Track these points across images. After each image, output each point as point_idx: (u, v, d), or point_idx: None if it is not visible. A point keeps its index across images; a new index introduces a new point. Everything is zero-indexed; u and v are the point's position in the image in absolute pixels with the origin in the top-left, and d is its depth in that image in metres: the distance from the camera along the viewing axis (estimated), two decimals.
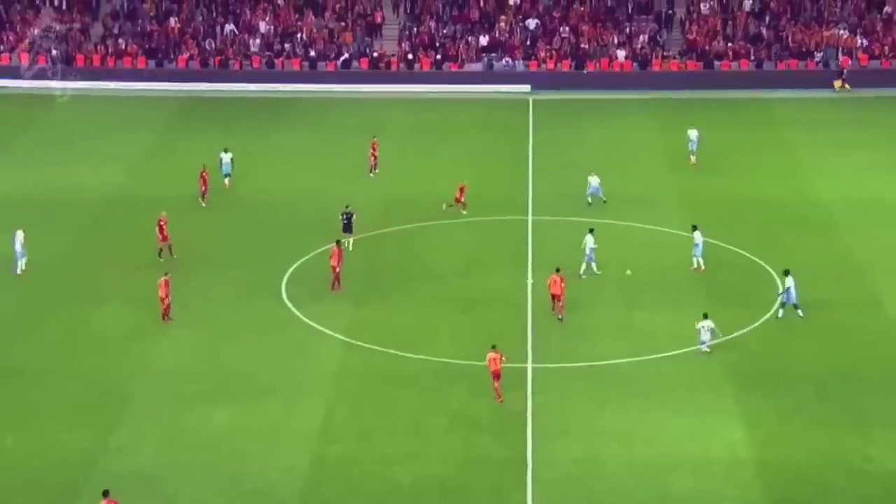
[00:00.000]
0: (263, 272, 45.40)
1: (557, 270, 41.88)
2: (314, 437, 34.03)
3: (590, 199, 51.67)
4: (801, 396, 36.21)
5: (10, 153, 61.34)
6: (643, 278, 44.72)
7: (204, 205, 52.37)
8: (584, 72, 73.00)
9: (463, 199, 50.87)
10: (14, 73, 75.35)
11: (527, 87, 74.30)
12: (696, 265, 45.17)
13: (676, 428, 34.42)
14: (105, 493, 29.28)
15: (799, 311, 41.18)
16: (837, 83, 73.24)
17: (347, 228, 47.21)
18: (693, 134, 58.68)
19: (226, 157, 54.90)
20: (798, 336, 40.22)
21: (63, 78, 73.90)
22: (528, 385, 36.81)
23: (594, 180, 51.80)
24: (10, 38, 78.01)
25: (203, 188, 52.34)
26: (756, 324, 40.99)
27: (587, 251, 44.53)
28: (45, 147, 62.50)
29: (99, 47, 77.07)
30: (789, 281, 41.14)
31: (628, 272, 44.73)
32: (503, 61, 76.39)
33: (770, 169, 58.30)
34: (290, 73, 75.50)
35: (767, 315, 41.56)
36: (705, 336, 38.43)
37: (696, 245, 45.24)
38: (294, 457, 33.05)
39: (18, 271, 45.06)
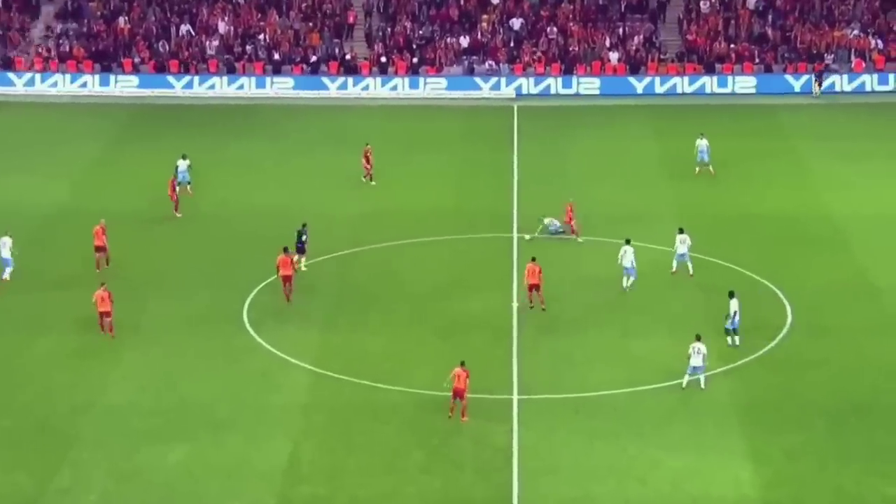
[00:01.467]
0: (222, 294, 45.32)
1: (533, 259, 43.07)
2: (279, 476, 33.92)
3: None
4: (812, 430, 36.32)
5: None
6: (639, 301, 44.84)
7: (179, 216, 52.84)
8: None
9: (573, 222, 50.22)
10: None
11: (511, 93, 74.63)
12: (674, 268, 46.02)
13: (675, 465, 34.47)
14: None
15: (736, 338, 41.12)
16: (816, 87, 73.55)
17: (300, 248, 47.09)
18: (702, 144, 58.89)
19: (183, 165, 55.49)
20: (808, 364, 40.37)
21: None
22: (513, 418, 36.82)
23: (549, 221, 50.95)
24: None
25: (174, 198, 53.00)
26: (762, 351, 41.14)
27: (628, 264, 44.90)
28: None
29: (40, 49, 76.96)
30: (734, 304, 41.04)
31: (527, 237, 46.46)
32: (485, 65, 76.64)
33: (777, 181, 58.62)
34: (252, 77, 75.54)
35: (774, 342, 41.71)
36: (697, 360, 37.97)
37: (680, 250, 45.72)
38: (257, 499, 32.93)
39: (7, 276, 45.42)
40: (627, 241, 45.91)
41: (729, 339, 41.22)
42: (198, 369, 40.01)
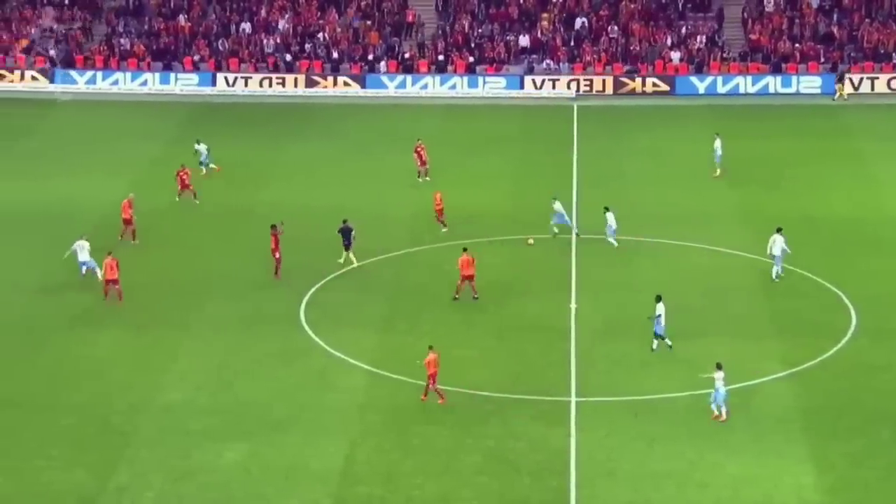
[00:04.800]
0: (280, 294, 45.58)
1: (465, 250, 44.45)
2: (335, 477, 34.05)
3: (556, 229, 50.49)
4: (877, 437, 35.90)
5: (1, 163, 61.91)
6: (698, 303, 44.56)
7: (178, 200, 54.58)
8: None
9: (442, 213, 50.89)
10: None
11: (571, 93, 74.42)
12: (775, 275, 45.89)
13: (735, 470, 34.22)
14: None
15: (667, 340, 40.64)
16: (839, 88, 72.45)
17: (347, 245, 47.52)
18: (717, 143, 58.43)
19: (201, 147, 58.41)
20: (873, 368, 39.93)
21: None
22: (570, 421, 36.72)
23: (558, 206, 50.61)
24: (5, 37, 78.80)
25: (180, 188, 54.79)
26: (826, 355, 40.74)
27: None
28: (41, 157, 63.07)
29: (102, 47, 77.77)
30: (660, 308, 40.54)
31: (531, 241, 47.30)
32: (545, 64, 76.49)
33: (842, 183, 58.03)
34: (311, 76, 75.94)
35: (838, 346, 41.29)
36: (721, 388, 36.43)
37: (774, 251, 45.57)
38: (313, 499, 33.08)
39: (99, 275, 45.93)
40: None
41: (655, 343, 40.60)
42: (255, 369, 40.25)
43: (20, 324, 43.52)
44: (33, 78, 76.01)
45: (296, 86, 75.69)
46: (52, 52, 77.37)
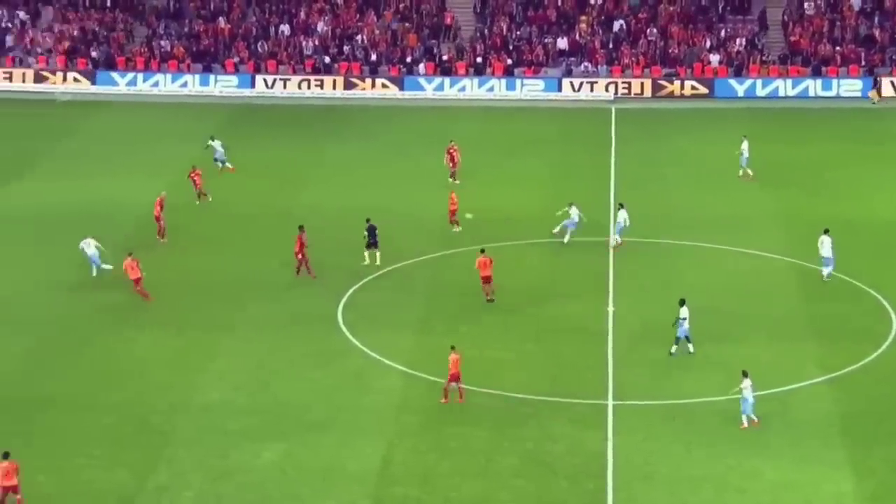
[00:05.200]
0: (317, 295, 45.68)
1: (482, 251, 44.59)
2: (372, 477, 34.07)
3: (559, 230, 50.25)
4: None
5: (44, 164, 62.38)
6: (736, 306, 44.32)
7: (198, 203, 54.71)
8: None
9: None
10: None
11: (609, 96, 74.24)
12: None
13: (774, 476, 33.99)
14: None
15: (690, 346, 40.41)
16: (873, 94, 71.91)
17: (373, 244, 47.65)
18: (744, 146, 58.16)
19: (216, 144, 59.23)
20: None
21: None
22: (608, 424, 36.59)
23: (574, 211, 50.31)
24: (47, 39, 79.37)
25: (196, 188, 55.14)
26: (867, 360, 40.41)
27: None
28: (82, 157, 63.47)
29: (143, 49, 78.21)
30: (684, 311, 40.27)
31: (469, 215, 47.98)
32: (583, 66, 76.34)
33: (883, 186, 57.56)
34: (349, 78, 76.10)
35: (879, 351, 40.96)
36: (749, 397, 35.99)
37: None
38: (350, 499, 33.11)
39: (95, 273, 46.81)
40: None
41: (674, 347, 40.38)
42: (292, 369, 40.33)
43: (62, 323, 43.80)
44: (75, 80, 76.56)
45: (334, 88, 75.91)
46: (93, 54, 77.89)
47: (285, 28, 79.47)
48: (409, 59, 77.15)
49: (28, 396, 38.42)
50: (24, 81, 76.38)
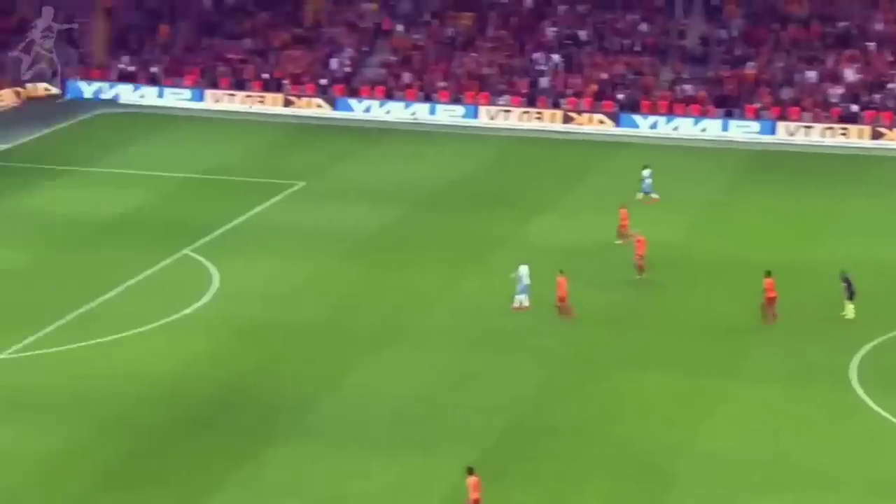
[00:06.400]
0: (830, 348, 43.83)
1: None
2: None
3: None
4: None
5: (568, 199, 63.68)
6: None
7: (619, 243, 54.15)
8: None
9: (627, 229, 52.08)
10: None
11: None
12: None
13: None
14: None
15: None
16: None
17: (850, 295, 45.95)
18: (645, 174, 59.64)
19: (646, 173, 60.96)
20: None
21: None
22: None
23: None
24: (578, 81, 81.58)
25: (621, 227, 55.15)
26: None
27: None
28: (602, 195, 64.45)
29: (666, 93, 78.80)
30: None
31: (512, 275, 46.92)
32: None
33: None
34: (876, 127, 72.88)
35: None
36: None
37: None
38: None
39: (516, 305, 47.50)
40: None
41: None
42: (799, 424, 38.84)
43: (581, 357, 44.41)
44: (600, 121, 78.27)
45: (860, 137, 72.98)
46: (619, 96, 79.35)
47: (812, 74, 77.40)
48: None
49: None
50: (552, 122, 78.93)
